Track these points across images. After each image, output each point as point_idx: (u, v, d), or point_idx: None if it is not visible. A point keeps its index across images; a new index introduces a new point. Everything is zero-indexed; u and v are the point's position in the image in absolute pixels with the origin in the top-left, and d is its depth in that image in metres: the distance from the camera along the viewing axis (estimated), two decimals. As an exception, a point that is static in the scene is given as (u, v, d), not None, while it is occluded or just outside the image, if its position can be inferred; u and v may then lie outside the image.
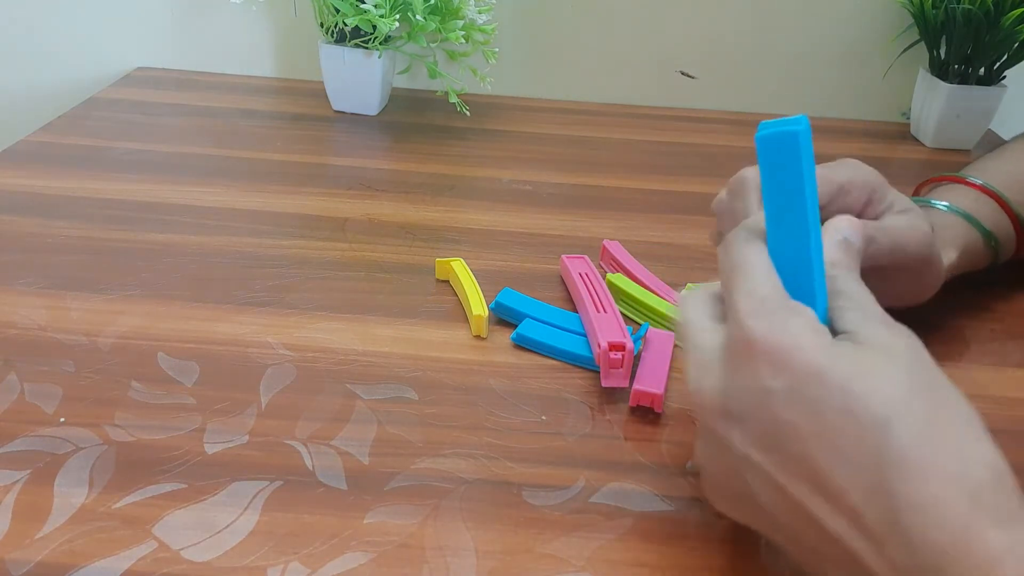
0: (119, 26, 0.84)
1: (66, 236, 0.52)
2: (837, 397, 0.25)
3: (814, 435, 0.25)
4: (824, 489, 0.25)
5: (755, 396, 0.26)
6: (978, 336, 0.48)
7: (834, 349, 0.26)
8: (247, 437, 0.37)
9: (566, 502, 0.35)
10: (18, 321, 0.44)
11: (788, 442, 0.26)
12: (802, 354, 0.26)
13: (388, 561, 0.31)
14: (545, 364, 0.43)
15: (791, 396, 0.25)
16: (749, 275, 0.29)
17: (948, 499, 0.23)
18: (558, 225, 0.58)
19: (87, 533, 0.32)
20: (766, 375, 0.26)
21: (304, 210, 0.58)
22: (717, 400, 0.28)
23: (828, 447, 0.25)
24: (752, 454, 0.27)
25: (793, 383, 0.26)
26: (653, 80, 0.84)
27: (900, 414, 0.24)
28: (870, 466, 0.24)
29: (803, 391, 0.25)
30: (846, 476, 0.24)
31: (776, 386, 0.26)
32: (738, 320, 0.28)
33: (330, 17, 0.71)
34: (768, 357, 0.26)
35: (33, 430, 0.37)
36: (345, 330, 0.45)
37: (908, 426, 0.24)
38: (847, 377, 0.25)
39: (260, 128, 0.73)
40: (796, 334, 0.26)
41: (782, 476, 0.26)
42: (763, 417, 0.26)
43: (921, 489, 0.23)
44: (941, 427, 0.24)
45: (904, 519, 0.23)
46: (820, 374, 0.25)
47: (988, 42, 0.71)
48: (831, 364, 0.25)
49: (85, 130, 0.69)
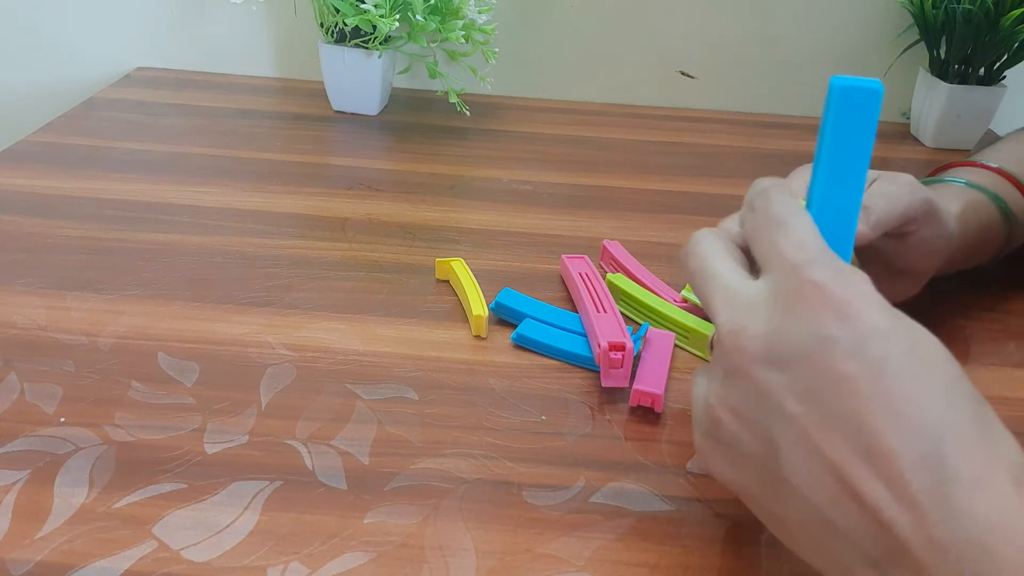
0: (119, 26, 0.84)
1: (66, 236, 0.52)
2: (905, 360, 0.24)
3: (873, 394, 0.24)
4: (869, 451, 0.24)
5: (812, 343, 0.25)
6: (978, 336, 0.48)
7: (896, 313, 0.25)
8: (247, 437, 0.37)
9: (566, 502, 0.35)
10: (18, 321, 0.44)
11: (839, 396, 0.24)
12: (872, 308, 0.25)
13: (388, 561, 0.31)
14: (545, 364, 0.43)
15: (855, 348, 0.24)
16: (797, 227, 0.28)
17: (996, 477, 0.22)
18: (558, 225, 0.58)
19: (87, 533, 0.32)
20: (831, 324, 0.25)
21: (304, 210, 0.58)
22: (761, 343, 0.26)
23: (886, 407, 0.24)
24: (792, 406, 0.25)
25: (860, 335, 0.25)
26: (653, 80, 0.84)
27: (957, 392, 0.24)
28: (926, 435, 0.23)
29: (869, 345, 0.24)
30: (899, 440, 0.23)
31: (840, 335, 0.25)
32: (793, 268, 0.26)
33: (330, 17, 0.71)
34: (835, 305, 0.25)
35: (33, 430, 0.37)
36: (345, 330, 0.45)
37: (962, 405, 0.24)
38: (915, 343, 0.25)
39: (260, 128, 0.73)
40: (864, 289, 0.26)
41: (820, 432, 0.24)
42: (817, 366, 0.25)
43: (972, 463, 0.23)
44: (985, 411, 0.24)
45: (954, 491, 0.22)
46: (888, 333, 0.24)
47: (988, 42, 0.71)
48: (901, 325, 0.25)
49: (85, 130, 0.69)
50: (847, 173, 0.28)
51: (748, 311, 0.27)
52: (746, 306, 0.27)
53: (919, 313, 0.27)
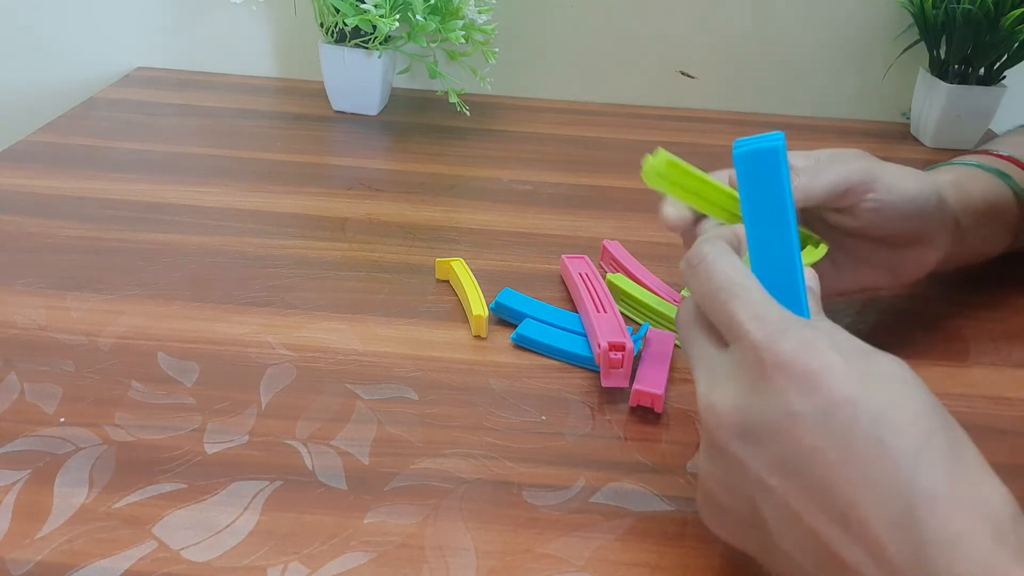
0: (119, 26, 0.84)
1: (66, 236, 0.52)
2: (870, 428, 0.24)
3: (841, 462, 0.24)
4: (845, 518, 0.24)
5: (779, 419, 0.25)
6: (978, 336, 0.47)
7: (865, 374, 0.25)
8: (247, 437, 0.37)
9: (566, 502, 0.35)
10: (18, 321, 0.44)
11: (811, 468, 0.25)
12: (834, 377, 0.25)
13: (388, 561, 0.31)
14: (545, 364, 0.43)
15: (820, 421, 0.25)
16: (747, 296, 0.28)
17: (973, 534, 0.22)
18: (558, 225, 0.58)
19: (87, 533, 0.32)
20: (794, 398, 0.25)
21: (304, 210, 0.58)
22: (733, 419, 0.27)
23: (855, 476, 0.24)
24: (768, 478, 0.26)
25: (824, 407, 0.25)
26: (653, 80, 0.84)
27: (929, 450, 0.24)
28: (898, 497, 0.23)
29: (835, 416, 0.24)
30: (872, 506, 0.23)
31: (805, 409, 0.25)
32: (753, 343, 0.26)
33: (330, 17, 0.71)
34: (799, 380, 0.25)
35: (33, 430, 0.37)
36: (345, 330, 0.45)
37: (935, 462, 0.23)
38: (881, 407, 0.24)
39: (260, 128, 0.73)
40: (825, 354, 0.25)
41: (799, 503, 0.25)
42: (786, 441, 0.25)
43: (947, 523, 0.22)
44: (962, 463, 0.24)
45: (930, 552, 0.22)
46: (853, 401, 0.24)
47: (988, 42, 0.71)
48: (865, 391, 0.25)
49: (85, 130, 0.69)
50: (774, 227, 0.29)
51: (720, 384, 0.28)
52: (719, 377, 0.28)
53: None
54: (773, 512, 0.26)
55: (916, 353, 0.45)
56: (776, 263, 0.29)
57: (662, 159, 0.35)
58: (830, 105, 0.84)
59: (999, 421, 0.40)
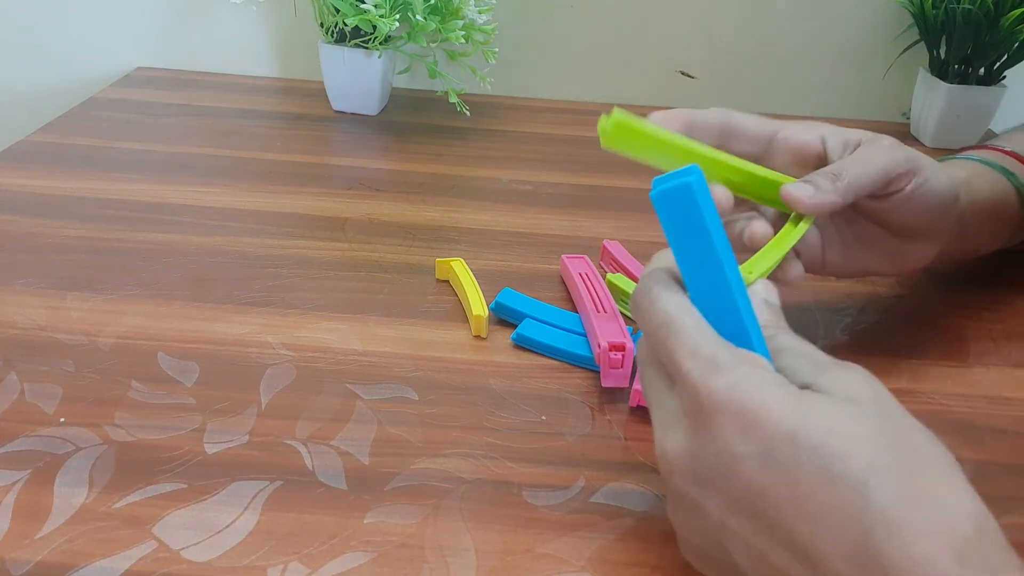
0: (119, 26, 0.84)
1: (66, 236, 0.52)
2: (813, 459, 0.23)
3: (790, 500, 0.24)
4: (804, 554, 0.24)
5: (724, 462, 0.25)
6: (978, 336, 0.47)
7: (802, 404, 0.25)
8: (247, 437, 0.37)
9: (566, 502, 0.35)
10: (18, 321, 0.44)
11: (764, 508, 0.24)
12: (771, 413, 0.24)
13: (388, 561, 0.31)
14: (545, 364, 0.43)
15: (764, 460, 0.24)
16: (683, 333, 0.27)
17: (935, 557, 0.22)
18: (558, 225, 0.58)
19: (87, 533, 0.32)
20: (734, 440, 0.25)
21: (304, 210, 0.58)
22: (685, 465, 0.26)
23: (806, 512, 0.23)
24: (727, 519, 0.26)
25: (764, 446, 0.24)
26: (653, 80, 0.84)
27: (879, 472, 0.23)
28: (852, 529, 0.23)
29: (776, 454, 0.24)
30: (827, 541, 0.23)
31: (746, 451, 0.24)
32: (691, 383, 0.26)
33: (330, 17, 0.71)
34: (734, 420, 0.25)
35: (33, 430, 0.37)
36: (345, 330, 0.45)
37: (888, 484, 0.23)
38: (821, 436, 0.24)
39: (260, 128, 0.73)
40: (760, 390, 0.25)
41: (760, 542, 0.25)
42: (735, 482, 0.25)
43: (907, 549, 0.22)
44: (920, 479, 0.23)
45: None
46: (793, 435, 0.24)
47: (988, 42, 0.71)
48: (803, 422, 0.24)
49: (85, 130, 0.69)
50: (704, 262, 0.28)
51: (671, 428, 0.27)
52: (669, 420, 0.28)
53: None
54: (740, 551, 0.26)
55: (916, 353, 0.45)
56: (713, 295, 0.28)
57: (612, 120, 0.32)
58: (830, 105, 0.84)
59: (999, 421, 0.40)
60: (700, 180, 0.27)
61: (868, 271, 0.44)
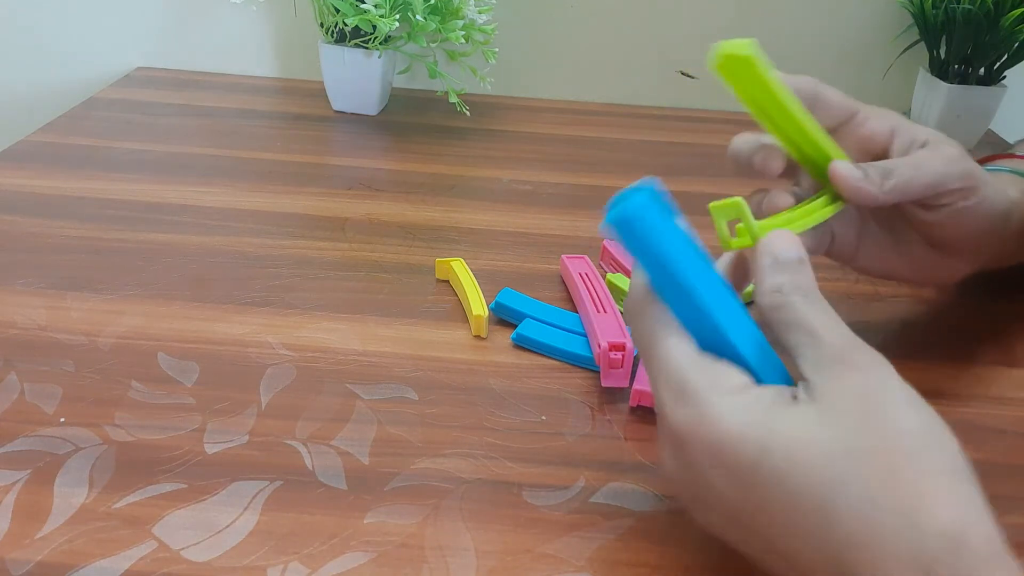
0: (119, 26, 0.84)
1: (66, 236, 0.52)
2: (778, 485, 0.24)
3: (767, 522, 0.25)
4: (797, 565, 0.25)
5: (704, 487, 0.26)
6: (978, 336, 0.48)
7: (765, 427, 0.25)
8: (247, 437, 0.37)
9: (566, 502, 0.35)
10: (18, 321, 0.44)
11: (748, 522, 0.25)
12: (734, 445, 0.25)
13: (388, 561, 0.31)
14: (545, 364, 0.43)
15: (734, 483, 0.25)
16: (660, 355, 0.27)
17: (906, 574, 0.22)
18: (558, 225, 0.58)
19: (87, 533, 0.32)
20: (704, 465, 0.26)
21: (304, 210, 0.58)
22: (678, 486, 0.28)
23: (784, 531, 0.24)
24: (728, 531, 0.27)
25: (732, 472, 0.25)
26: (653, 80, 0.84)
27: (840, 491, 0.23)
28: (826, 547, 0.23)
29: (743, 479, 0.25)
30: (808, 556, 0.24)
31: (717, 475, 0.25)
32: (664, 411, 0.27)
33: (330, 17, 0.71)
34: (702, 451, 0.25)
35: (33, 430, 0.37)
36: (345, 330, 0.45)
37: (853, 503, 0.23)
38: (783, 461, 0.24)
39: (260, 128, 0.73)
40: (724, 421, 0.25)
41: (758, 552, 0.26)
42: (718, 505, 0.26)
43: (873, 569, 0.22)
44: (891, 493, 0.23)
45: None
46: (756, 464, 0.24)
47: (988, 42, 0.71)
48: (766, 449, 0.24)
49: (85, 130, 0.69)
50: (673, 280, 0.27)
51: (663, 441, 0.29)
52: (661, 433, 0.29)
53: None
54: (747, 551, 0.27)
55: (917, 353, 0.45)
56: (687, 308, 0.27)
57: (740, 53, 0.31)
58: (830, 105, 0.84)
59: (999, 421, 0.40)
60: (651, 198, 0.26)
61: (894, 276, 0.42)
